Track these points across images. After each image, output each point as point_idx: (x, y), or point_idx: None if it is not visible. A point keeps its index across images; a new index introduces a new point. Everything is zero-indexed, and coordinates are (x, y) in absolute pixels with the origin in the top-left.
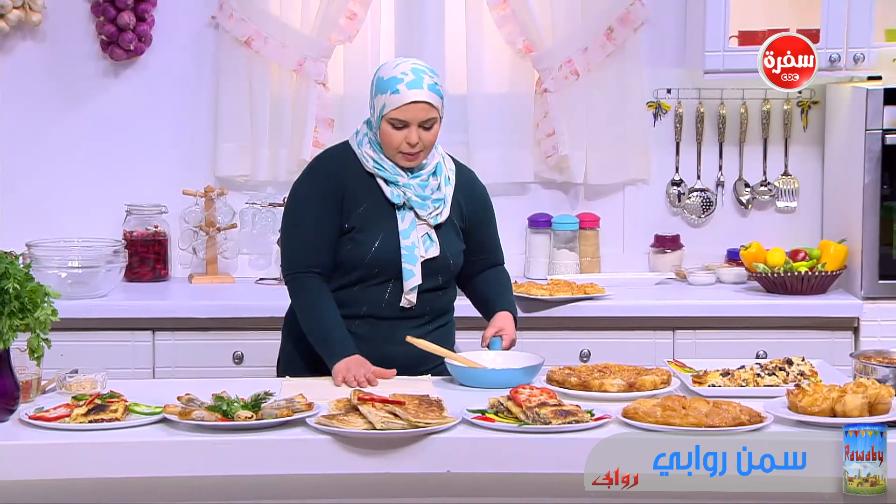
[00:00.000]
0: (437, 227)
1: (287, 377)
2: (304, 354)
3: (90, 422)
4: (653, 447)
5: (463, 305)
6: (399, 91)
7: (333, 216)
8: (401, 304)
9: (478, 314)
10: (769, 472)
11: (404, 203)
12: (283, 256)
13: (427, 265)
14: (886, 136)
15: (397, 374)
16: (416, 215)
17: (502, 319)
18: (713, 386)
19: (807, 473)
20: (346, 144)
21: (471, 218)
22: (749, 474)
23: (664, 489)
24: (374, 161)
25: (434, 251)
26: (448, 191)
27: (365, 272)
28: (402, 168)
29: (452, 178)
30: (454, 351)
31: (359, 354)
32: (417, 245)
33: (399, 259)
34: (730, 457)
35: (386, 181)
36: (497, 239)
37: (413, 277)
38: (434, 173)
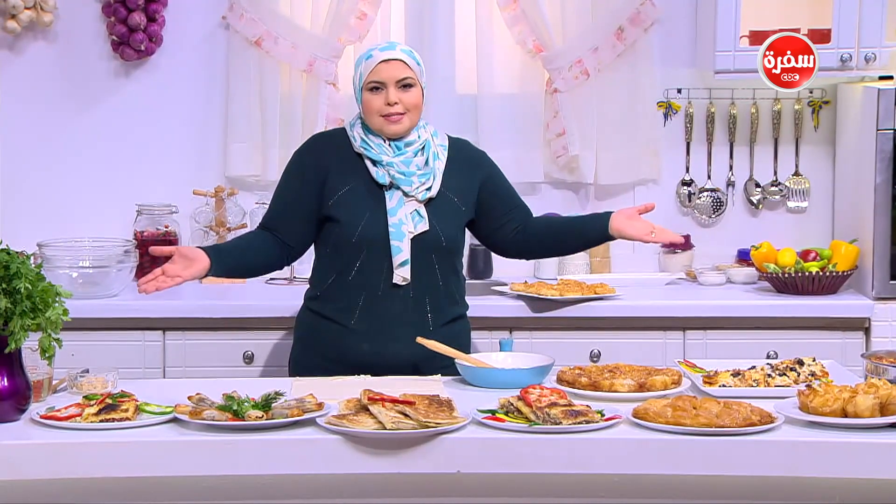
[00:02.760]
0: (428, 204)
1: (297, 377)
2: (315, 354)
3: (101, 421)
4: (661, 447)
5: (476, 306)
6: (372, 55)
7: (309, 191)
8: (393, 281)
9: (488, 314)
10: (777, 473)
11: (391, 183)
12: None
13: (417, 241)
14: None
15: (403, 374)
16: (405, 193)
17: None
18: (724, 386)
19: (815, 474)
20: (342, 129)
21: (481, 187)
22: (756, 475)
23: (667, 488)
24: (362, 140)
25: (423, 226)
26: (438, 165)
27: (354, 254)
28: (389, 142)
29: (443, 152)
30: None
31: (204, 255)
32: (405, 221)
33: (387, 239)
34: (736, 457)
35: (372, 162)
36: (517, 195)
37: (401, 253)
38: (422, 150)
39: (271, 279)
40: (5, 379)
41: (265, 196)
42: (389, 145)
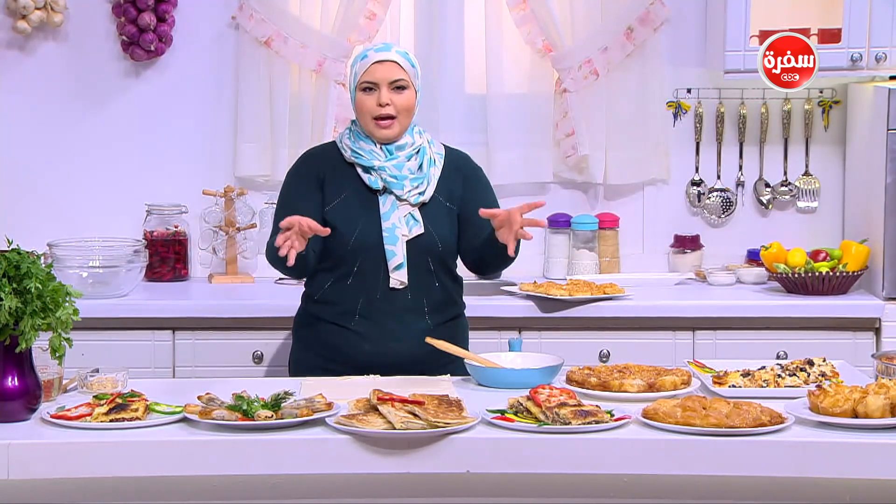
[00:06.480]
0: (422, 208)
1: (303, 378)
2: (315, 355)
3: (111, 421)
4: (671, 447)
5: (485, 305)
6: (367, 56)
7: (312, 196)
8: (390, 286)
9: (498, 314)
10: (787, 474)
11: (384, 187)
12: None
13: (412, 244)
14: None
15: (406, 373)
16: (397, 198)
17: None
18: (733, 386)
19: (825, 475)
20: (332, 143)
21: (464, 194)
22: (766, 475)
23: (677, 488)
24: (352, 150)
25: (418, 230)
26: (433, 172)
27: (351, 260)
28: (381, 147)
29: (439, 160)
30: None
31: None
32: (398, 225)
33: (382, 243)
34: (746, 458)
35: (364, 169)
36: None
37: (395, 257)
38: (415, 154)
39: (280, 279)
40: (16, 378)
41: (275, 196)
42: (381, 149)
